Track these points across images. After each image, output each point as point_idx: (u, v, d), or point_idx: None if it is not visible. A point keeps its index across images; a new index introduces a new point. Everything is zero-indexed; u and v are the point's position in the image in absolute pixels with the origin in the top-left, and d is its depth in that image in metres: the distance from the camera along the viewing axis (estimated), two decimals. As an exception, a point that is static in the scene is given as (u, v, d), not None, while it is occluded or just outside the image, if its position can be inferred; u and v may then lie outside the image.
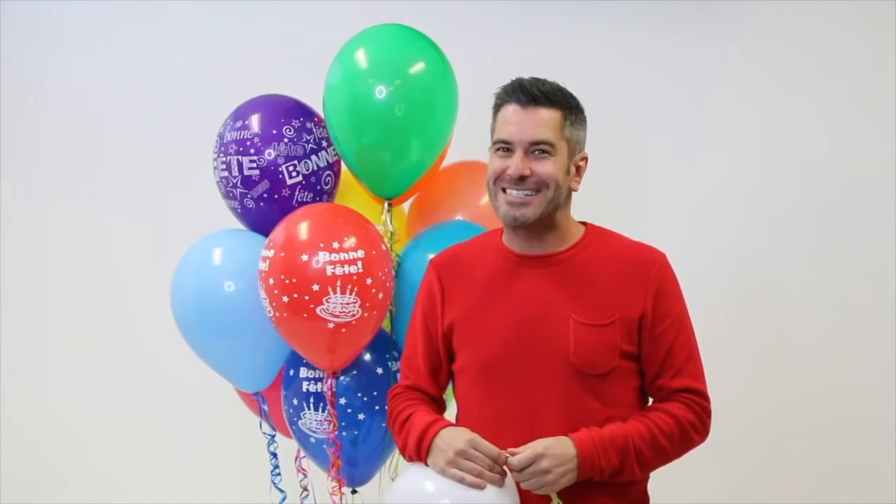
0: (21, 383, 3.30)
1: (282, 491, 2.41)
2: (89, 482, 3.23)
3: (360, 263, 2.04)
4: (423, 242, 2.31)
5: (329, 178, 2.30)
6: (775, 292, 2.84)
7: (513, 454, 1.72)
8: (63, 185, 3.25)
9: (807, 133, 2.79)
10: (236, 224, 2.37)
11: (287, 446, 2.44)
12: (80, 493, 3.22)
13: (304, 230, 2.07)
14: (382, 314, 2.17)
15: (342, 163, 2.34)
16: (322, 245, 2.02)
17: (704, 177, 2.85)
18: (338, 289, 2.02)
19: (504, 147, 1.83)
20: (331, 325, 2.04)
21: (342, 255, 2.03)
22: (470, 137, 2.36)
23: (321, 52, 2.36)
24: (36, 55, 3.24)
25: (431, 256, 2.24)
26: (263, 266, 2.08)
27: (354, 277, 2.03)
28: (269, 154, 2.22)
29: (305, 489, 2.43)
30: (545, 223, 1.84)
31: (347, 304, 2.03)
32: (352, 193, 2.42)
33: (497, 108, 1.87)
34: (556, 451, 1.71)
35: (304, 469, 2.43)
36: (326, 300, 2.02)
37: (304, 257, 2.02)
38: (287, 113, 2.27)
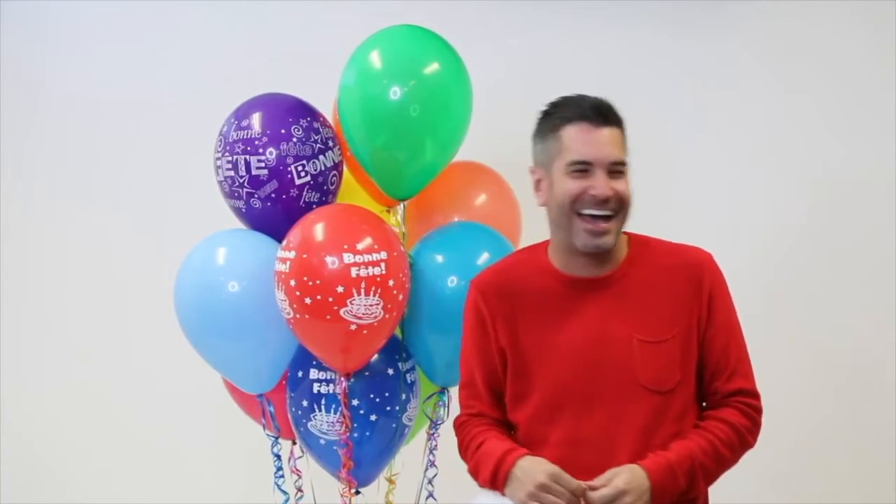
0: (21, 384, 3.19)
1: (285, 493, 2.38)
2: (90, 484, 3.14)
3: (383, 265, 2.02)
4: (431, 243, 2.30)
5: (335, 178, 2.27)
6: (780, 291, 2.91)
7: (592, 488, 1.71)
8: (63, 185, 3.14)
9: (809, 132, 2.86)
10: (237, 224, 2.32)
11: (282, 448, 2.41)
12: (80, 495, 3.13)
13: (326, 231, 2.04)
14: (401, 315, 2.17)
15: (344, 164, 2.32)
16: (346, 246, 2.00)
17: (706, 176, 2.91)
18: (362, 290, 2.00)
19: (582, 168, 1.78)
20: (353, 327, 2.02)
21: (366, 257, 2.00)
22: (467, 138, 2.37)
23: (320, 51, 2.35)
24: (35, 55, 3.13)
25: (439, 258, 2.25)
26: (283, 268, 2.04)
27: (378, 279, 2.01)
28: (278, 153, 2.17)
29: (300, 490, 2.41)
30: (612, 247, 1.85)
31: (371, 305, 2.01)
32: (351, 194, 2.40)
33: (556, 127, 1.82)
34: (634, 485, 1.71)
35: (298, 470, 2.41)
36: (350, 302, 1.99)
37: (328, 259, 1.99)
38: (294, 112, 2.23)
